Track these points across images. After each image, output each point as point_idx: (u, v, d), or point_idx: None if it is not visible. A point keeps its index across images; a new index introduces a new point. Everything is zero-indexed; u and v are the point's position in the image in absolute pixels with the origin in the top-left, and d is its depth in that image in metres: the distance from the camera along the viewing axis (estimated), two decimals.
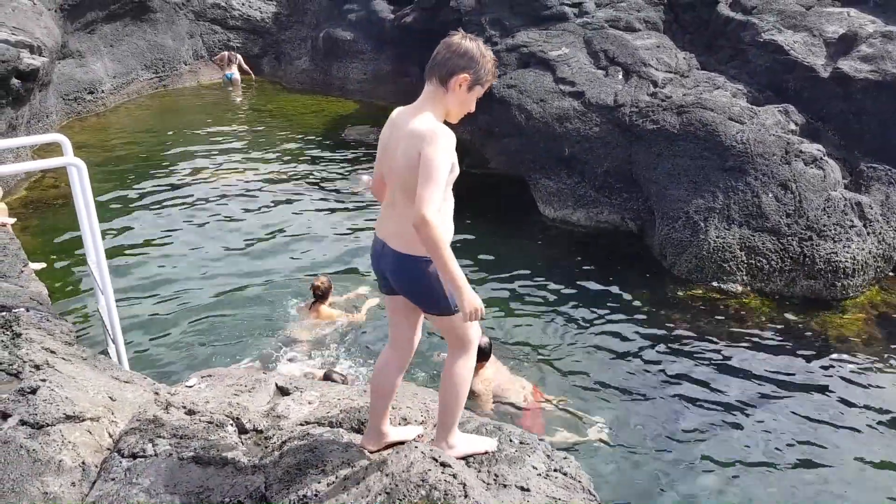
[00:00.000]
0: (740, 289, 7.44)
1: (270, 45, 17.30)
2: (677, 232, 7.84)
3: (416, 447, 3.04)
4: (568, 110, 8.78)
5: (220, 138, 12.33)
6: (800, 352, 6.45)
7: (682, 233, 7.80)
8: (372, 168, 10.29)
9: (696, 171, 7.93)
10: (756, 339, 6.64)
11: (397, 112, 2.75)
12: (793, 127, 8.19)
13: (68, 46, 13.23)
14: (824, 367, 6.23)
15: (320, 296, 6.53)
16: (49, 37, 11.72)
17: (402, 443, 3.02)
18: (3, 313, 3.90)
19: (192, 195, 9.66)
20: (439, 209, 2.44)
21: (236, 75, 16.57)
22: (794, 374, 6.14)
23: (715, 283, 7.50)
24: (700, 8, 10.32)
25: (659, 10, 10.63)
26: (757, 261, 7.44)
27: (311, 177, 10.58)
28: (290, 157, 11.43)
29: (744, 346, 6.53)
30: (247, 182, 10.19)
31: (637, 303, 7.27)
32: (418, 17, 13.14)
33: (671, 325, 6.86)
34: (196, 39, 16.78)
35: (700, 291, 7.46)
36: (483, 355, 5.09)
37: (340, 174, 10.74)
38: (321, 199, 9.72)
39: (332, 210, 9.39)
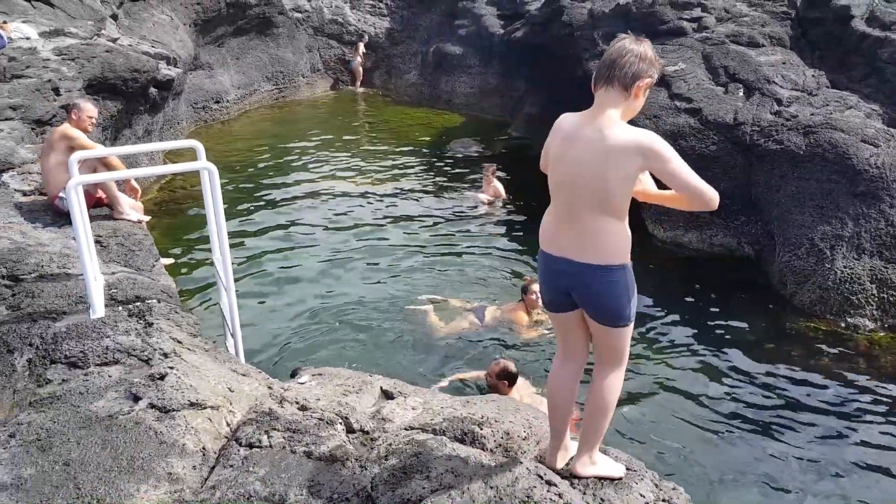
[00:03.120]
0: (870, 324, 6.90)
1: (382, 59, 17.85)
2: (800, 259, 7.40)
3: (520, 463, 3.02)
4: (683, 127, 8.50)
5: (332, 148, 12.79)
6: None
7: (805, 261, 7.35)
8: (479, 185, 10.41)
9: (823, 196, 7.46)
10: (887, 383, 6.12)
11: (571, 123, 2.62)
12: None
13: (199, 59, 14.17)
14: None
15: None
16: (183, 49, 12.61)
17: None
18: (138, 303, 4.19)
19: (304, 200, 10.06)
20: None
21: (356, 62, 17.25)
22: None
23: (840, 317, 7.00)
24: (832, 23, 9.75)
25: (785, 26, 10.14)
26: (890, 295, 6.89)
27: (416, 188, 10.78)
28: (396, 168, 11.70)
29: (870, 389, 6.03)
30: (355, 191, 10.51)
31: (751, 333, 6.89)
32: (528, 31, 13.16)
33: (788, 360, 6.44)
34: (314, 53, 17.56)
35: (823, 325, 6.98)
36: (513, 379, 5.14)
37: (445, 186, 10.88)
38: (425, 210, 9.88)
39: (436, 221, 9.51)
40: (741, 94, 8.76)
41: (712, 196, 2.49)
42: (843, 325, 6.94)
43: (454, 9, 16.44)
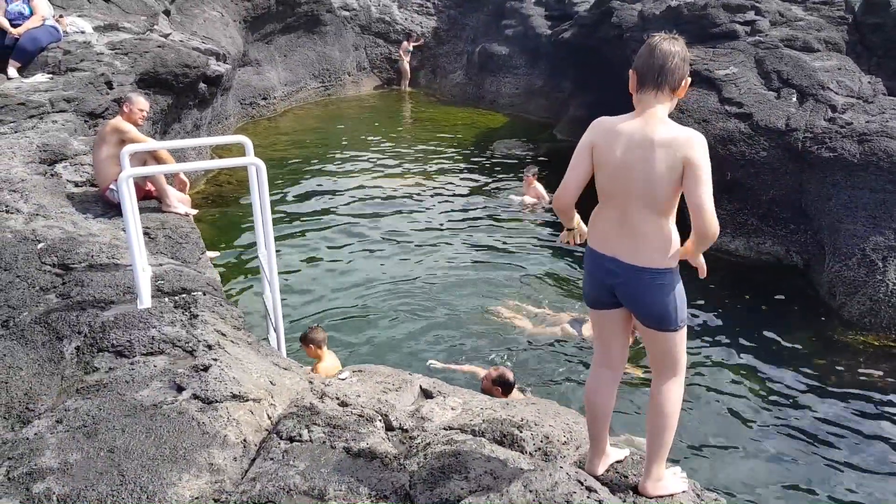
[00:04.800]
0: None
1: (428, 58, 17.89)
2: (850, 270, 7.16)
3: (560, 467, 2.97)
4: (733, 132, 8.30)
5: (376, 146, 12.87)
6: None
7: (856, 271, 7.12)
8: (520, 187, 10.34)
9: (877, 206, 7.22)
10: None
11: (620, 124, 2.59)
12: None
13: (248, 55, 14.38)
14: None
15: None
16: (233, 46, 12.82)
17: (619, 462, 3.02)
18: (184, 295, 4.26)
19: (347, 197, 10.15)
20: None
21: (403, 63, 17.35)
22: None
23: (891, 331, 6.76)
24: (890, 29, 9.44)
25: (842, 31, 9.85)
26: None
27: (459, 188, 10.77)
28: (440, 168, 11.71)
29: None
30: (398, 189, 10.55)
31: (797, 344, 6.70)
32: (577, 32, 13.03)
33: (836, 373, 6.24)
34: (360, 52, 17.69)
35: (873, 339, 6.75)
36: (508, 388, 5.08)
37: (488, 187, 10.84)
38: (467, 211, 9.86)
39: (478, 222, 9.49)
40: (794, 99, 8.52)
41: (717, 228, 2.47)
42: (894, 338, 6.70)
43: (502, 9, 16.39)
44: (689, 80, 2.64)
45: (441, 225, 9.33)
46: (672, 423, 2.72)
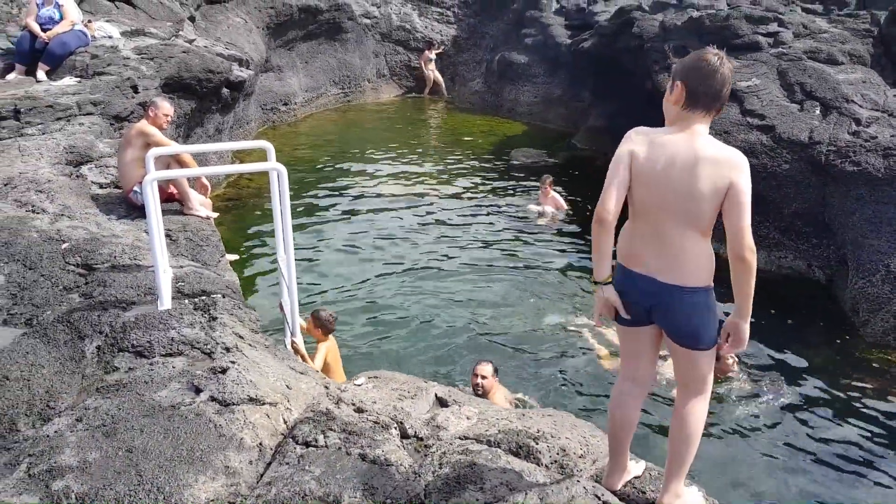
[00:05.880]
0: None
1: (447, 66, 17.94)
2: (874, 287, 7.06)
3: (577, 481, 2.95)
4: (755, 144, 8.23)
5: (395, 153, 12.91)
6: None
7: (880, 288, 7.01)
8: (536, 197, 10.31)
9: None
10: None
11: (660, 138, 2.54)
12: None
13: (270, 61, 14.51)
14: None
15: None
16: (256, 52, 12.95)
17: (637, 478, 3.01)
18: (204, 297, 4.29)
19: (366, 203, 10.19)
20: None
21: (425, 71, 17.46)
22: None
23: None
24: None
25: (867, 43, 9.74)
26: None
27: (476, 195, 10.78)
28: (457, 175, 11.72)
29: None
30: (416, 196, 10.57)
31: (819, 360, 6.60)
32: (597, 42, 13.02)
33: (856, 390, 6.15)
34: (380, 59, 17.79)
35: None
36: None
37: (505, 195, 10.84)
38: (484, 218, 9.86)
39: (495, 230, 9.49)
40: (818, 112, 8.43)
41: (753, 251, 2.45)
42: None
43: (521, 18, 16.41)
44: None
45: (457, 233, 9.33)
46: (695, 441, 2.69)
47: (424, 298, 7.51)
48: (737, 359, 5.97)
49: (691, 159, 2.45)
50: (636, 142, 2.56)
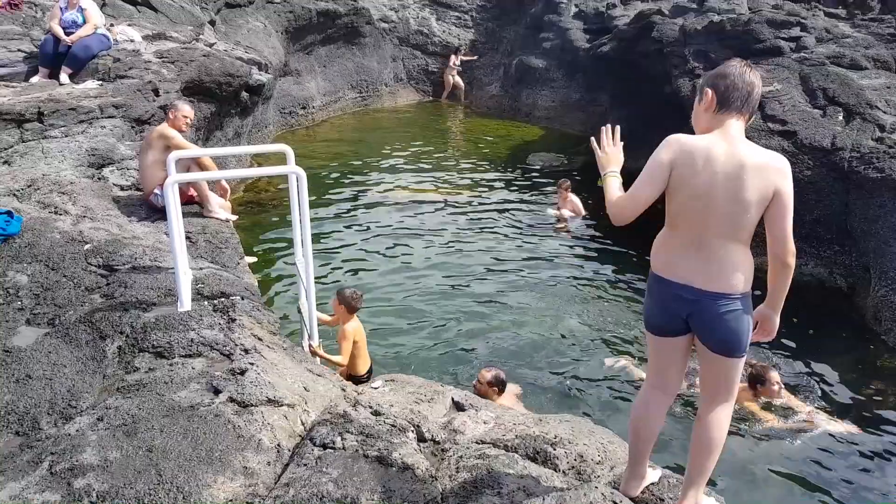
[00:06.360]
0: None
1: (465, 70, 17.96)
2: None
3: (595, 487, 2.93)
4: (776, 150, 8.06)
5: (412, 156, 12.94)
6: None
7: None
8: (554, 201, 10.26)
9: None
10: None
11: (703, 145, 2.50)
12: None
13: (289, 65, 14.62)
14: None
15: None
16: (275, 56, 13.05)
17: (654, 484, 3.00)
18: (223, 299, 4.32)
19: (383, 207, 10.21)
20: None
21: (446, 76, 17.45)
22: None
23: None
24: None
25: (891, 48, 9.62)
26: None
27: (493, 199, 10.76)
28: (474, 179, 11.72)
29: None
30: (433, 200, 10.58)
31: (839, 368, 6.50)
32: (616, 46, 12.98)
33: (877, 400, 6.05)
34: (398, 63, 17.86)
35: None
36: (502, 387, 5.25)
37: (522, 199, 10.81)
38: (501, 222, 9.85)
39: (513, 235, 9.47)
40: (840, 118, 8.34)
41: (794, 255, 2.53)
42: None
43: (539, 22, 16.40)
44: None
45: (474, 236, 9.32)
46: (717, 449, 2.66)
47: (440, 301, 7.51)
48: (782, 385, 5.84)
49: (736, 167, 2.43)
50: (676, 151, 2.51)
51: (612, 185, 2.65)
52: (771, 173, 2.43)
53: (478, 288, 7.90)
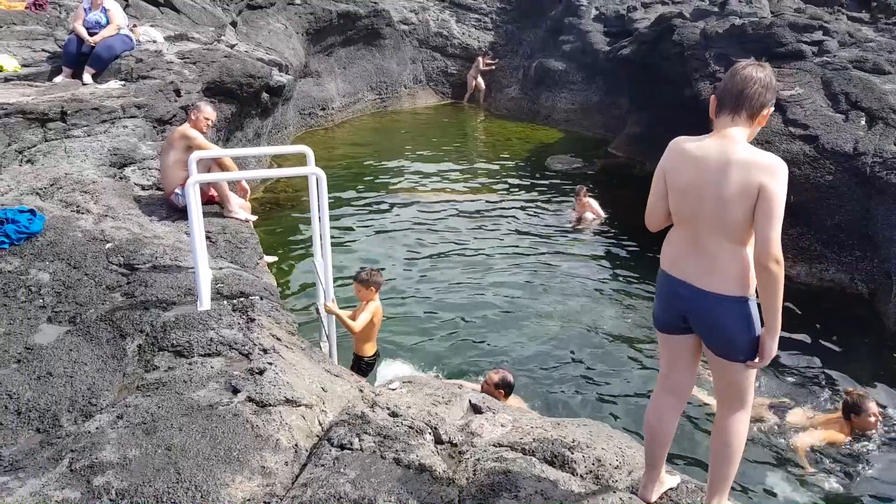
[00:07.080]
0: None
1: (484, 73, 17.95)
2: None
3: (613, 492, 2.91)
4: (797, 154, 8.06)
5: (430, 158, 12.95)
6: None
7: None
8: (571, 203, 10.22)
9: None
10: None
11: (693, 146, 2.54)
12: None
13: (309, 66, 14.70)
14: None
15: None
16: (295, 57, 13.12)
17: (672, 489, 2.99)
18: (242, 299, 4.35)
19: (401, 208, 10.23)
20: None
21: (469, 78, 17.46)
22: None
23: None
24: None
25: None
26: None
27: (511, 202, 10.74)
28: (493, 181, 11.70)
29: None
30: (451, 201, 10.58)
31: (861, 377, 6.39)
32: (636, 49, 12.88)
33: None
34: (417, 65, 17.89)
35: None
36: (508, 390, 5.18)
37: (540, 202, 10.78)
38: (520, 224, 9.82)
39: (531, 237, 9.44)
40: (863, 122, 8.22)
41: (777, 262, 2.34)
42: None
43: (559, 24, 16.35)
44: (771, 109, 2.55)
45: (492, 239, 9.31)
46: (736, 457, 2.65)
47: (457, 301, 7.50)
48: (880, 417, 5.60)
49: (722, 164, 2.43)
50: (670, 152, 2.63)
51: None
52: (755, 169, 2.36)
53: (495, 288, 7.88)
